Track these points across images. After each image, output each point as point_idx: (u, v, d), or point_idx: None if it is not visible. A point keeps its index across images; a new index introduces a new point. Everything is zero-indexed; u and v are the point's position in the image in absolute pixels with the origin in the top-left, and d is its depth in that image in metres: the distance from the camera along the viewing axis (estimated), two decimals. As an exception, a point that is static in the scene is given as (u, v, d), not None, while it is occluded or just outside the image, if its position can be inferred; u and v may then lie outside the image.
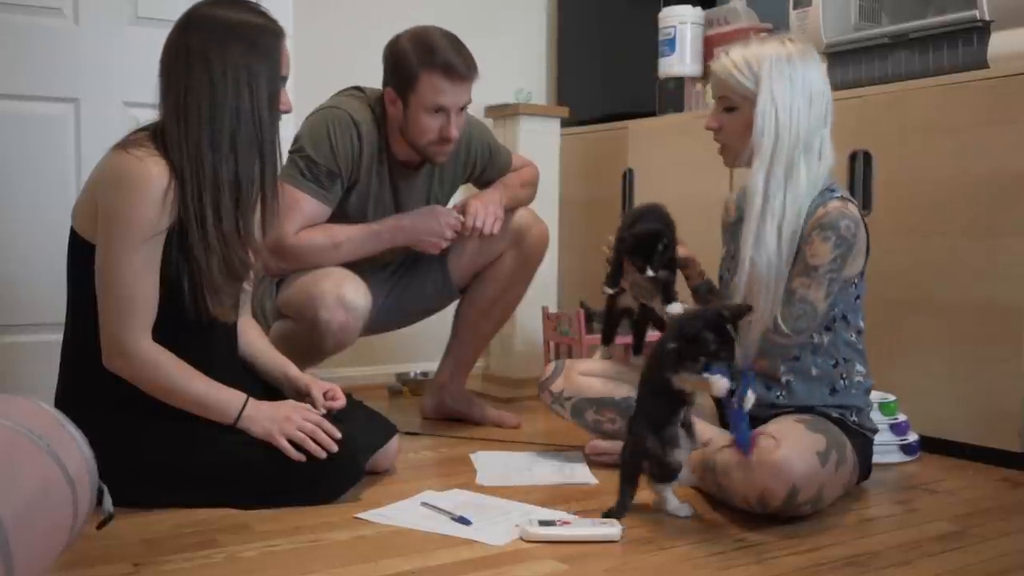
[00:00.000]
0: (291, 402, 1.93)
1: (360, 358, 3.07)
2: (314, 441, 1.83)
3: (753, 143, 1.92)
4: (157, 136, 1.80)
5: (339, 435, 1.86)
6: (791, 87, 1.91)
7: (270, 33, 1.84)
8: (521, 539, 1.67)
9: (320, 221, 2.37)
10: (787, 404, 1.99)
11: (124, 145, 1.79)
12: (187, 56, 1.80)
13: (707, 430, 2.07)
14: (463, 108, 2.38)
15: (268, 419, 1.85)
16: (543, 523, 1.70)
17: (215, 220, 1.78)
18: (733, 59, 1.96)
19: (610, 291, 2.19)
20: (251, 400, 1.86)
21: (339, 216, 2.41)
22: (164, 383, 1.80)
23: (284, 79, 1.89)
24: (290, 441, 1.82)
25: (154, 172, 1.74)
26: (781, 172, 1.90)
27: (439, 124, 2.35)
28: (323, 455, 1.83)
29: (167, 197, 1.75)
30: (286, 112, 1.92)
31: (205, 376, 1.84)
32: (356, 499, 1.90)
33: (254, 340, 2.08)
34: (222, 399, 1.84)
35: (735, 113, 1.97)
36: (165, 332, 1.81)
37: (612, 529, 1.69)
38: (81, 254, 1.83)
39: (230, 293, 1.85)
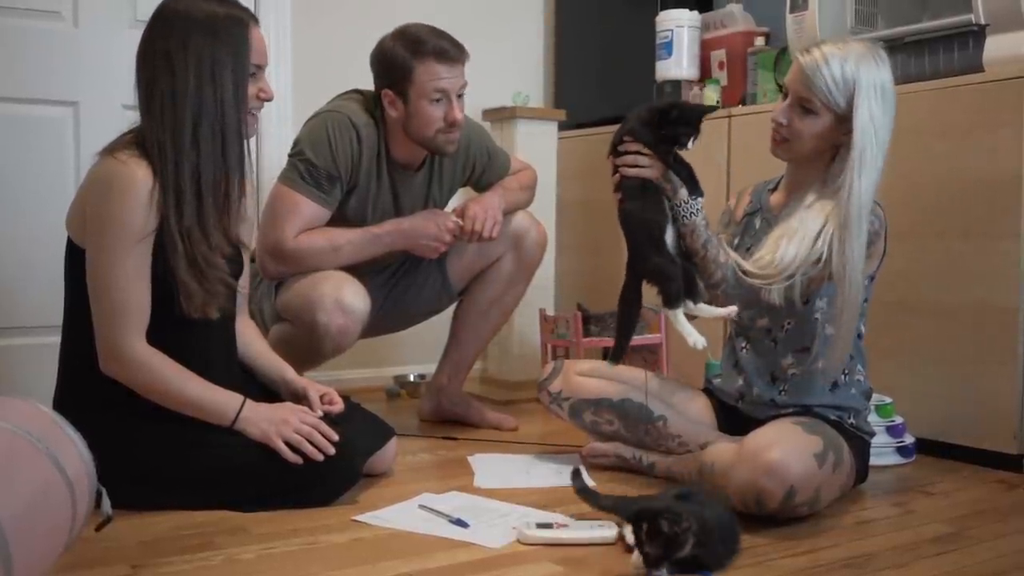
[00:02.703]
0: (288, 404, 1.93)
1: (358, 360, 3.07)
2: (311, 444, 1.83)
3: (854, 160, 1.86)
4: (140, 138, 1.81)
5: (336, 437, 1.86)
6: (883, 103, 1.89)
7: (235, 22, 1.83)
8: (518, 541, 1.68)
9: (320, 224, 2.38)
10: (787, 402, 2.00)
11: (110, 150, 1.80)
12: (152, 54, 1.81)
13: (704, 433, 2.08)
14: (461, 92, 2.40)
15: (265, 421, 1.85)
16: (540, 526, 1.71)
17: (176, 218, 1.78)
18: (827, 57, 1.89)
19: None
20: (248, 402, 1.86)
21: (338, 219, 2.42)
22: (160, 386, 1.81)
23: (259, 67, 1.88)
24: (287, 443, 1.83)
25: (139, 175, 1.75)
26: (874, 188, 1.89)
27: (443, 111, 2.37)
28: (320, 458, 1.83)
29: (152, 198, 1.76)
30: (266, 100, 1.92)
31: (201, 378, 1.84)
32: (354, 501, 1.91)
33: (252, 342, 2.08)
34: (219, 401, 1.84)
35: (813, 117, 1.92)
36: (159, 331, 1.82)
37: (609, 532, 1.69)
38: (75, 259, 1.84)
39: (202, 291, 1.82)
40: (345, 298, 2.28)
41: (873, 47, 1.96)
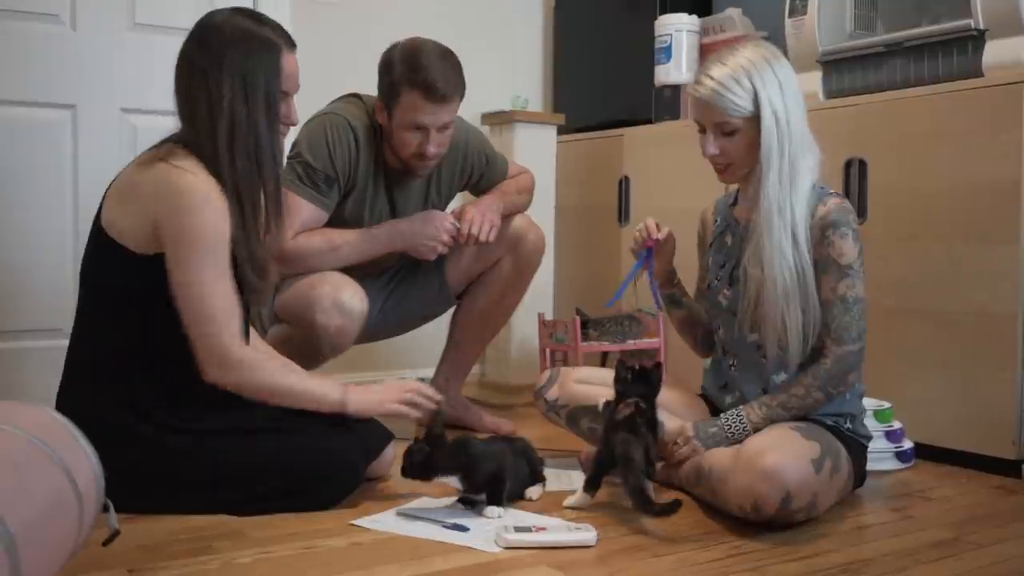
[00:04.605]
0: (388, 382, 2.04)
1: (356, 364, 3.07)
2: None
3: (763, 159, 1.90)
4: (189, 147, 1.81)
5: (439, 397, 2.01)
6: (781, 90, 1.91)
7: (267, 44, 1.84)
8: (496, 544, 1.67)
9: (318, 226, 2.38)
10: (782, 412, 1.99)
11: (164, 158, 1.79)
12: (189, 66, 1.83)
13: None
14: (445, 127, 2.38)
15: (374, 397, 1.95)
16: (519, 529, 1.71)
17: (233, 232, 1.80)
18: (720, 81, 1.90)
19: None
20: (350, 385, 1.94)
21: (336, 221, 2.42)
22: (269, 382, 1.84)
23: (286, 94, 1.89)
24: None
25: (213, 187, 1.77)
26: (787, 179, 1.90)
27: (418, 140, 2.35)
28: (417, 415, 1.97)
29: (225, 205, 1.79)
30: (290, 125, 1.93)
31: (299, 369, 1.93)
32: (352, 506, 1.90)
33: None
34: (320, 390, 1.90)
35: (736, 135, 1.93)
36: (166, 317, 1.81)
37: (588, 535, 1.69)
38: (108, 257, 1.81)
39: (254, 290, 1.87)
40: (343, 299, 2.28)
41: (755, 44, 1.98)
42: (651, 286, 2.15)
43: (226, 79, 1.80)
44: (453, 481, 1.85)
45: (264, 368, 1.84)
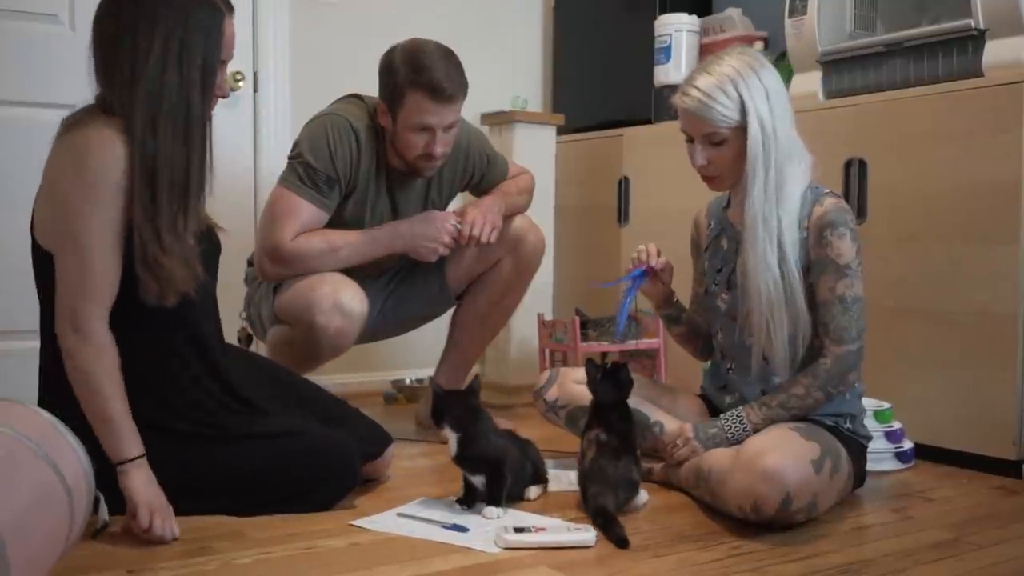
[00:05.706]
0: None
1: (355, 365, 3.07)
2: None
3: (748, 169, 1.90)
4: (110, 111, 1.69)
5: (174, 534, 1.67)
6: (767, 97, 1.90)
7: (211, 7, 1.70)
8: (495, 545, 1.68)
9: (318, 227, 2.37)
10: (782, 412, 1.99)
11: (76, 123, 1.70)
12: (116, 21, 1.67)
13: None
14: (450, 126, 2.38)
15: (146, 488, 1.67)
16: (518, 530, 1.71)
17: (136, 207, 1.65)
18: (706, 91, 1.90)
19: None
20: (144, 460, 1.68)
21: (336, 222, 2.42)
22: (93, 381, 1.66)
23: (223, 62, 1.75)
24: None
25: (116, 142, 1.64)
26: (773, 187, 1.90)
27: (424, 141, 2.35)
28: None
29: (128, 163, 1.64)
30: (222, 97, 1.80)
31: (127, 406, 1.68)
32: (351, 506, 1.90)
33: None
34: (125, 435, 1.67)
35: (724, 145, 1.93)
36: (136, 316, 1.73)
37: (587, 535, 1.69)
38: (43, 267, 1.76)
39: (156, 283, 1.68)
40: (343, 300, 2.28)
41: (740, 51, 1.97)
42: (622, 307, 2.14)
43: (158, 40, 1.64)
44: (452, 442, 1.87)
45: (103, 359, 1.65)
